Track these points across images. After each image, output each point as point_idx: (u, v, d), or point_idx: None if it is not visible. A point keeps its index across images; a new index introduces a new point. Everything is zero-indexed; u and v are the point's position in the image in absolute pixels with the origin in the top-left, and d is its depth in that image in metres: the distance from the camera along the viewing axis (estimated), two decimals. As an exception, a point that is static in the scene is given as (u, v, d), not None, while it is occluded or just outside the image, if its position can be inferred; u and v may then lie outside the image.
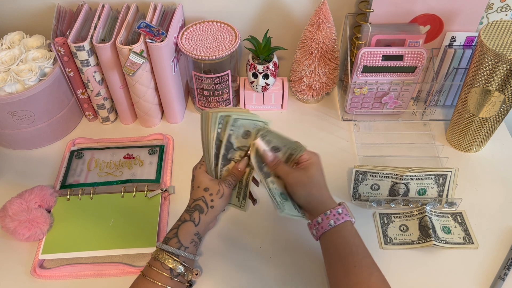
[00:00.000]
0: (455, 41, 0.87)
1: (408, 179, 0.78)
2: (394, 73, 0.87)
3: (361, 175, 0.80)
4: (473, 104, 0.80)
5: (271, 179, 0.68)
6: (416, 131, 0.94)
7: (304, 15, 0.91)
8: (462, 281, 0.70)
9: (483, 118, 0.81)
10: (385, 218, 0.78)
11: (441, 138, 0.92)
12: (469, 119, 0.83)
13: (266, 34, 0.88)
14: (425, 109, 0.95)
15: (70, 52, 0.81)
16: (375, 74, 0.87)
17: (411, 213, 0.78)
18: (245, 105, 0.97)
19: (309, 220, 0.66)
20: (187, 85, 1.00)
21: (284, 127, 0.93)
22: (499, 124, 0.83)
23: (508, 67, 0.71)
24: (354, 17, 0.89)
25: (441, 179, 0.79)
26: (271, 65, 0.90)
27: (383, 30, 0.85)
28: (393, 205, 0.79)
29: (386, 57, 0.84)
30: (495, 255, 0.73)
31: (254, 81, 0.92)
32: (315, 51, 0.88)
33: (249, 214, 0.79)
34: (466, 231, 0.76)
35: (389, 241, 0.75)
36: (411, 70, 0.86)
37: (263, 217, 0.78)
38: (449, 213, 0.78)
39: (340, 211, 0.62)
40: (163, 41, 0.79)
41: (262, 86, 0.92)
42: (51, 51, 0.86)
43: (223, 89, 0.91)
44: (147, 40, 0.79)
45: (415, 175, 0.78)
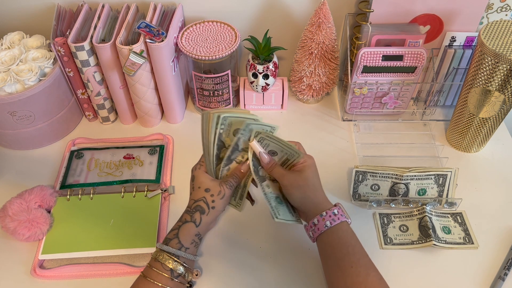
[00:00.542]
0: (455, 41, 0.87)
1: (408, 179, 0.78)
2: (394, 73, 0.87)
3: (361, 175, 0.80)
4: (473, 104, 0.80)
5: (266, 183, 0.68)
6: (416, 131, 0.94)
7: (304, 15, 0.91)
8: (462, 281, 0.70)
9: (483, 118, 0.81)
10: (385, 218, 0.78)
11: (441, 138, 0.92)
12: (469, 119, 0.83)
13: (266, 34, 0.88)
14: (425, 109, 0.95)
15: (70, 52, 0.81)
16: (375, 74, 0.87)
17: (411, 213, 0.78)
18: (245, 105, 0.97)
19: (304, 223, 0.66)
20: (187, 85, 1.00)
21: (284, 127, 0.93)
22: (499, 124, 0.83)
23: (508, 67, 0.71)
24: (354, 17, 0.89)
25: (441, 179, 0.79)
26: (271, 65, 0.90)
27: (383, 30, 0.85)
28: (393, 205, 0.79)
29: (386, 57, 0.84)
30: (495, 255, 0.73)
31: (254, 81, 0.92)
32: (315, 51, 0.88)
33: (249, 214, 0.79)
34: (466, 231, 0.76)
35: (389, 241, 0.75)
36: (411, 70, 0.86)
37: (263, 217, 0.78)
38: (449, 213, 0.78)
39: (335, 212, 0.62)
40: (163, 41, 0.79)
41: (262, 86, 0.92)
42: (51, 51, 0.86)
43: (223, 89, 0.91)
44: (147, 40, 0.79)
45: (415, 175, 0.78)
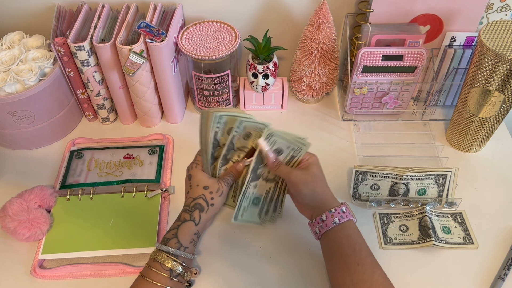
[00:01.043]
0: (455, 41, 0.87)
1: (408, 179, 0.78)
2: (394, 73, 0.87)
3: (361, 175, 0.80)
4: (473, 104, 0.80)
5: (255, 183, 0.69)
6: (416, 131, 0.94)
7: (304, 15, 0.91)
8: (462, 281, 0.70)
9: (483, 118, 0.81)
10: (385, 218, 0.78)
11: (441, 138, 0.92)
12: (469, 119, 0.83)
13: (266, 34, 0.88)
14: (425, 109, 0.95)
15: (70, 52, 0.81)
16: (375, 74, 0.87)
17: (411, 213, 0.78)
18: (245, 105, 0.97)
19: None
20: (187, 85, 1.00)
21: (284, 127, 0.93)
22: (499, 124, 0.82)
23: (508, 67, 0.71)
24: (354, 17, 0.89)
25: (441, 179, 0.79)
26: (271, 65, 0.90)
27: (383, 30, 0.85)
28: (393, 205, 0.79)
29: (386, 57, 0.84)
30: (495, 255, 0.73)
31: (254, 81, 0.92)
32: (315, 51, 0.87)
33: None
34: (466, 231, 0.76)
35: (389, 241, 0.75)
36: (411, 70, 0.86)
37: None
38: (449, 213, 0.78)
39: (344, 209, 0.63)
40: (163, 41, 0.79)
41: (262, 86, 0.92)
42: (51, 51, 0.86)
43: (223, 89, 0.91)
44: (147, 40, 0.79)
45: (415, 175, 0.78)
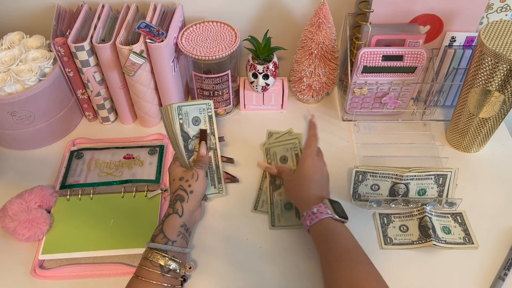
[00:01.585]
0: (455, 41, 0.87)
1: (408, 179, 0.78)
2: (394, 73, 0.87)
3: (361, 175, 0.80)
4: (473, 104, 0.80)
5: (279, 191, 0.77)
6: (416, 131, 0.94)
7: (304, 15, 0.91)
8: (462, 281, 0.70)
9: (483, 118, 0.81)
10: (385, 218, 0.78)
11: (441, 138, 0.92)
12: (469, 119, 0.83)
13: (266, 34, 0.88)
14: (425, 109, 0.95)
15: (70, 52, 0.81)
16: (375, 74, 0.87)
17: (411, 213, 0.78)
18: (245, 105, 0.97)
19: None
20: (187, 85, 1.00)
21: (284, 127, 0.93)
22: (499, 124, 0.82)
23: (508, 67, 0.71)
24: (354, 17, 0.89)
25: (441, 179, 0.79)
26: (271, 65, 0.90)
27: (383, 30, 0.85)
28: (393, 205, 0.79)
29: (386, 57, 0.84)
30: (495, 255, 0.73)
31: (254, 81, 0.92)
32: (315, 51, 0.87)
33: (249, 214, 0.79)
34: (466, 231, 0.76)
35: (389, 241, 0.75)
36: (411, 70, 0.86)
37: (263, 217, 0.78)
38: (449, 213, 0.78)
39: (315, 210, 0.64)
40: (163, 41, 0.79)
41: (262, 86, 0.92)
42: (51, 51, 0.86)
43: (223, 89, 0.91)
44: (147, 40, 0.79)
45: (415, 175, 0.78)
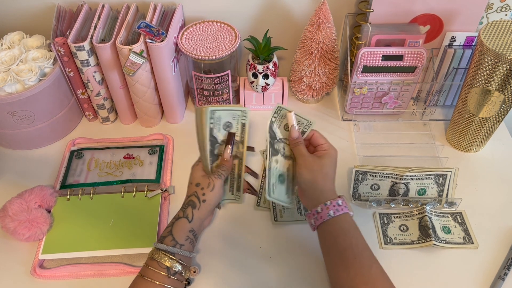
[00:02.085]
0: (455, 41, 0.87)
1: (408, 179, 0.78)
2: (394, 73, 0.87)
3: (361, 175, 0.80)
4: (473, 104, 0.80)
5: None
6: (416, 131, 0.94)
7: (304, 15, 0.91)
8: (462, 281, 0.70)
9: (483, 118, 0.81)
10: (385, 218, 0.78)
11: (441, 138, 0.92)
12: (469, 119, 0.83)
13: (266, 34, 0.88)
14: (425, 109, 0.95)
15: (70, 52, 0.81)
16: (375, 74, 0.87)
17: (411, 213, 0.78)
18: (245, 105, 0.97)
19: (307, 210, 0.67)
20: (187, 85, 1.00)
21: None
22: (499, 124, 0.83)
23: (508, 67, 0.71)
24: (354, 17, 0.89)
25: (441, 179, 0.79)
26: (271, 65, 0.90)
27: (383, 30, 0.85)
28: (393, 205, 0.79)
29: (386, 57, 0.84)
30: (495, 255, 0.73)
31: (254, 81, 0.92)
32: (315, 51, 0.88)
33: (249, 214, 0.79)
34: (466, 231, 0.76)
35: (389, 241, 0.75)
36: (411, 70, 0.86)
37: (263, 217, 0.78)
38: (449, 213, 0.78)
39: (340, 202, 0.63)
40: (163, 41, 0.79)
41: (262, 86, 0.92)
42: (51, 51, 0.86)
43: (223, 89, 0.91)
44: (147, 40, 0.79)
45: (415, 175, 0.78)
